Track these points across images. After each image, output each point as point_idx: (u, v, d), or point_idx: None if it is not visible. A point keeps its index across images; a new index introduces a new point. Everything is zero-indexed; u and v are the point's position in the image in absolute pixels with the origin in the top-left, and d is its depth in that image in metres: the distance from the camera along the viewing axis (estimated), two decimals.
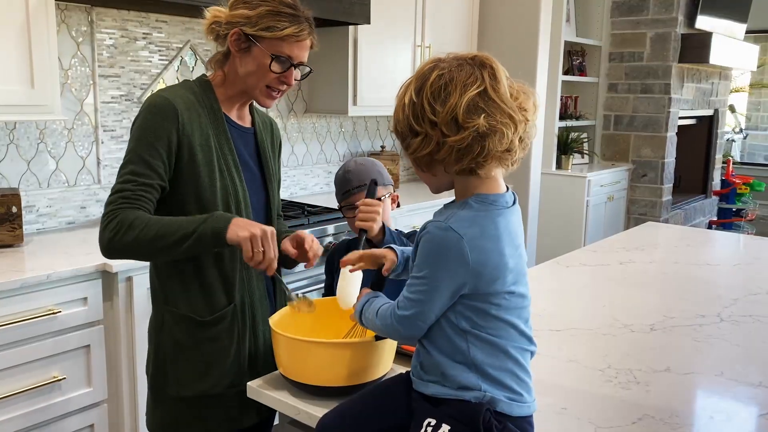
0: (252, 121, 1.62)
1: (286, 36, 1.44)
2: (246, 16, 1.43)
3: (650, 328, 1.71)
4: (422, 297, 1.03)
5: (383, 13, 3.22)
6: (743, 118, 8.81)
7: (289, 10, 1.45)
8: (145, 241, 1.36)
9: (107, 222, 1.38)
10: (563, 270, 2.27)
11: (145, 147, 1.40)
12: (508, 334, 1.06)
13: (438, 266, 1.01)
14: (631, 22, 5.15)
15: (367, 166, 2.01)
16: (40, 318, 1.90)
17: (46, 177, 2.43)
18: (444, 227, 1.01)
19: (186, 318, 1.49)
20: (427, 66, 1.04)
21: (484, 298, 1.03)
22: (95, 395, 2.06)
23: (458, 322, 1.04)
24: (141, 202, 1.39)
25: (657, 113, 5.16)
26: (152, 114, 1.41)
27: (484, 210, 1.03)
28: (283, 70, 1.47)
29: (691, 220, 5.83)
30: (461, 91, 0.99)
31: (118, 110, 2.60)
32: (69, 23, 2.42)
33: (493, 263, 1.02)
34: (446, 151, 1.00)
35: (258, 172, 1.60)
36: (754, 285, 2.13)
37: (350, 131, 3.68)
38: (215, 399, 1.51)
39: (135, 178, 1.39)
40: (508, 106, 1.00)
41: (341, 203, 1.96)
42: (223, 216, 1.38)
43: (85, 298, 2.00)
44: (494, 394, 1.04)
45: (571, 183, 4.68)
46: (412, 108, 1.03)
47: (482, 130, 0.98)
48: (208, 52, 2.86)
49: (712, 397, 1.38)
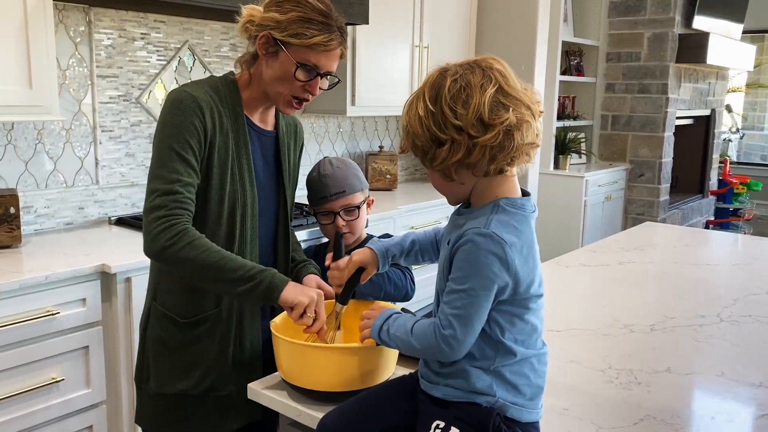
0: (276, 124, 1.59)
1: (314, 44, 1.39)
2: (276, 20, 1.39)
3: (650, 328, 1.71)
4: (470, 311, 1.00)
5: (382, 14, 3.22)
6: (740, 117, 8.83)
7: (321, 18, 1.40)
8: (200, 266, 1.33)
9: (163, 227, 1.34)
10: (563, 270, 2.27)
11: (180, 144, 1.37)
12: (531, 339, 1.07)
13: (482, 274, 0.99)
14: (629, 23, 5.16)
15: (345, 170, 1.93)
16: (39, 319, 1.89)
17: (44, 177, 2.42)
18: (486, 233, 0.99)
19: (167, 316, 1.49)
20: (435, 75, 1.03)
21: (518, 302, 1.03)
22: (94, 396, 2.06)
23: (491, 329, 1.03)
24: (189, 206, 1.38)
25: (654, 113, 5.16)
26: (179, 110, 1.39)
27: (516, 213, 1.03)
28: (308, 78, 1.43)
29: (688, 219, 5.84)
30: (481, 91, 0.98)
31: (116, 110, 2.59)
32: (67, 23, 2.41)
33: (530, 267, 1.03)
34: (479, 153, 0.99)
35: (274, 178, 1.58)
36: (754, 285, 2.13)
37: (349, 131, 3.68)
38: (196, 400, 1.50)
39: (180, 178, 1.36)
40: (526, 98, 1.01)
41: (317, 208, 1.91)
42: (281, 276, 1.36)
43: (84, 299, 1.99)
44: (507, 399, 1.04)
45: (569, 183, 4.68)
46: (432, 118, 1.00)
47: (512, 124, 0.98)
48: (206, 53, 2.85)
49: (713, 398, 1.38)
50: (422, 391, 1.11)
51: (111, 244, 2.26)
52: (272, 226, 1.59)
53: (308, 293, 1.34)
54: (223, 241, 1.45)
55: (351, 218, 1.87)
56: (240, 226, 1.47)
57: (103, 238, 2.35)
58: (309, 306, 1.32)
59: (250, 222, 1.49)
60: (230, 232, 1.46)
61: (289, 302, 1.33)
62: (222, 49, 2.91)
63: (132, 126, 2.65)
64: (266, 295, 1.34)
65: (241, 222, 1.47)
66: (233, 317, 1.50)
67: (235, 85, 1.50)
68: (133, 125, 2.65)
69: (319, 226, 1.97)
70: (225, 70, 2.89)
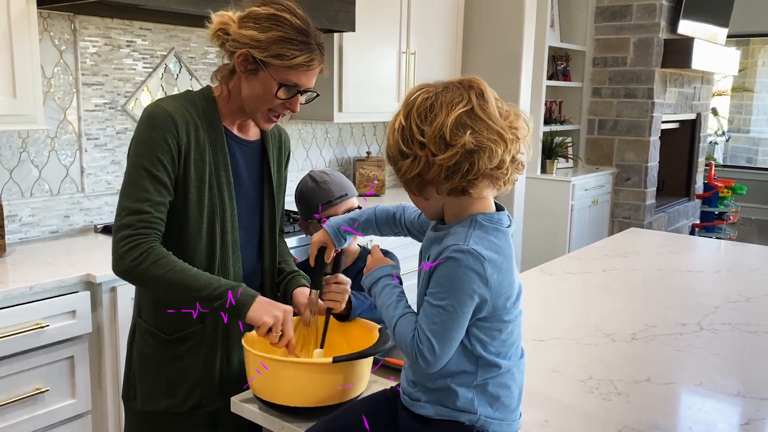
0: (261, 133, 1.59)
1: (295, 65, 1.40)
2: (256, 39, 1.38)
3: (632, 337, 1.73)
4: (447, 326, 1.01)
5: (368, 20, 3.23)
6: (726, 121, 8.92)
7: (301, 37, 1.39)
8: (168, 284, 1.35)
9: (128, 247, 1.35)
10: (547, 278, 2.29)
11: (151, 161, 1.37)
12: (512, 350, 1.08)
13: (461, 291, 1.00)
14: (615, 27, 5.20)
15: (340, 176, 2.00)
16: (25, 332, 1.88)
17: (29, 186, 2.41)
18: (466, 249, 1.00)
19: (152, 333, 1.49)
20: (414, 91, 1.05)
21: (497, 317, 1.04)
22: (78, 407, 2.05)
23: (472, 345, 1.04)
24: (158, 225, 1.38)
25: (640, 117, 5.21)
26: (152, 126, 1.39)
27: (494, 229, 1.04)
28: (289, 96, 1.44)
29: (674, 223, 5.89)
30: (447, 110, 1.00)
31: (102, 118, 2.58)
32: (52, 31, 2.40)
33: (508, 282, 1.04)
34: (435, 171, 1.00)
35: (259, 189, 1.58)
36: (734, 292, 2.16)
37: (336, 137, 3.69)
38: (181, 417, 1.50)
39: (149, 197, 1.37)
40: (497, 124, 1.00)
41: (321, 214, 1.93)
42: (248, 292, 1.36)
43: (74, 311, 1.98)
44: (488, 415, 1.05)
45: (556, 187, 4.71)
46: (401, 132, 1.03)
47: (469, 147, 0.98)
48: (193, 60, 2.85)
49: (692, 408, 1.40)
50: (403, 407, 1.12)
51: (97, 253, 2.26)
52: (256, 237, 1.59)
53: (273, 313, 1.34)
54: (204, 255, 1.45)
55: None
56: (220, 239, 1.47)
57: (89, 247, 2.35)
58: (274, 325, 1.33)
59: (231, 235, 1.49)
60: (210, 245, 1.46)
61: (253, 322, 1.34)
62: (208, 56, 2.91)
63: (118, 134, 2.64)
64: (234, 313, 1.35)
65: (221, 235, 1.47)
66: (218, 333, 1.50)
67: (212, 98, 1.49)
68: (119, 133, 2.64)
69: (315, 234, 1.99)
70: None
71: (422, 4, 3.61)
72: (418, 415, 1.08)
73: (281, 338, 1.35)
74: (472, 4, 4.02)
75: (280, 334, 1.35)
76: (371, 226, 1.35)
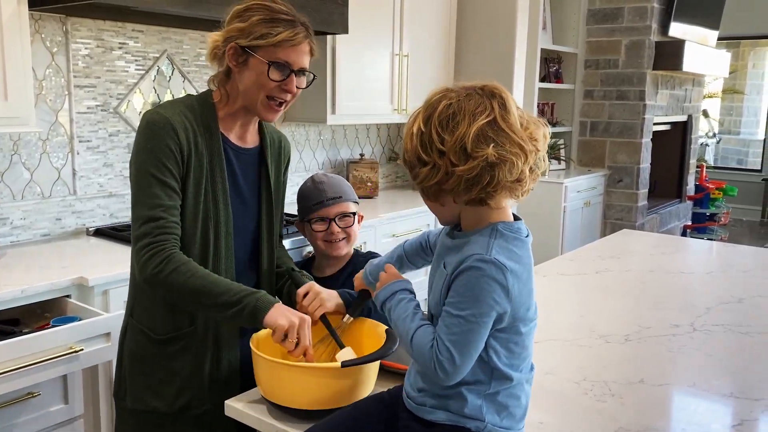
0: (260, 140, 1.59)
1: (281, 41, 1.41)
2: (239, 29, 1.41)
3: (625, 338, 1.74)
4: (468, 337, 1.00)
5: (361, 22, 3.23)
6: (717, 122, 8.97)
7: (283, 16, 1.43)
8: (188, 291, 1.35)
9: (149, 255, 1.36)
10: (541, 279, 2.30)
11: (157, 167, 1.38)
12: (525, 363, 1.08)
13: (482, 301, 0.99)
14: (606, 30, 5.22)
15: (338, 179, 2.00)
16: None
17: (21, 189, 2.40)
18: (489, 259, 0.99)
19: (143, 332, 1.50)
20: (435, 95, 1.03)
21: (515, 329, 1.04)
22: (71, 411, 2.04)
23: (488, 355, 1.03)
24: (174, 229, 1.39)
25: (632, 119, 5.23)
26: (153, 132, 1.40)
27: (514, 238, 1.03)
28: (282, 77, 1.44)
29: (666, 224, 5.92)
30: (470, 120, 0.98)
31: (94, 120, 2.57)
32: (43, 33, 2.39)
33: (527, 291, 1.03)
34: (455, 181, 0.99)
35: (256, 196, 1.58)
36: (726, 293, 2.17)
37: (329, 139, 3.68)
38: (170, 418, 1.50)
39: (161, 203, 1.38)
40: (518, 135, 0.99)
41: (311, 215, 1.93)
42: (267, 298, 1.36)
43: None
44: (495, 423, 1.05)
45: (548, 189, 4.72)
46: (420, 137, 1.01)
47: (491, 160, 0.97)
48: (185, 62, 2.84)
49: (685, 409, 1.41)
50: (406, 409, 1.11)
51: (89, 256, 2.25)
52: (252, 244, 1.59)
53: (290, 317, 1.33)
54: (197, 259, 1.45)
55: (345, 225, 1.90)
56: (214, 244, 1.47)
57: (81, 250, 2.33)
58: (290, 330, 1.31)
59: (224, 240, 1.49)
60: (204, 250, 1.46)
61: (270, 326, 1.33)
62: (201, 58, 2.90)
63: (110, 136, 2.63)
64: (251, 319, 1.35)
65: (214, 240, 1.47)
66: (209, 335, 1.50)
67: (211, 104, 1.50)
68: (111, 135, 2.63)
69: (310, 236, 1.98)
70: (204, 80, 2.89)
71: (415, 6, 3.61)
72: (423, 419, 1.07)
73: (297, 346, 1.33)
74: (465, 6, 4.03)
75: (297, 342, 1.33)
76: (404, 263, 1.32)
